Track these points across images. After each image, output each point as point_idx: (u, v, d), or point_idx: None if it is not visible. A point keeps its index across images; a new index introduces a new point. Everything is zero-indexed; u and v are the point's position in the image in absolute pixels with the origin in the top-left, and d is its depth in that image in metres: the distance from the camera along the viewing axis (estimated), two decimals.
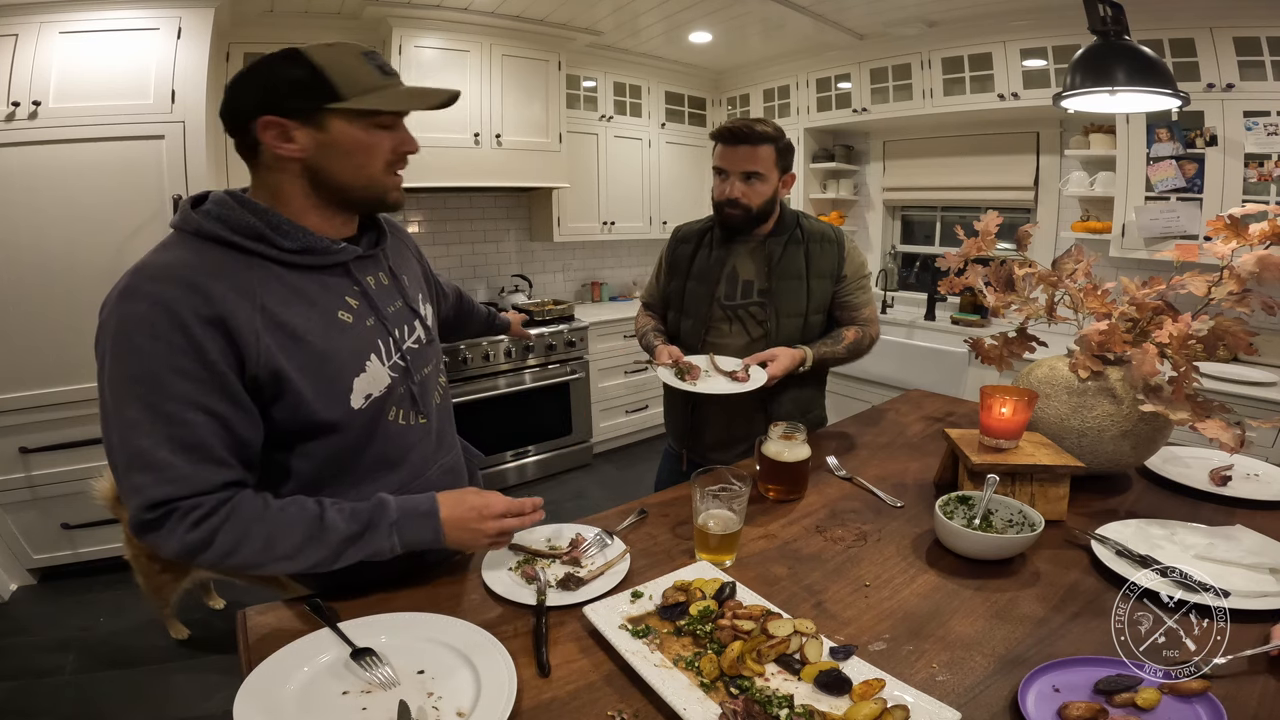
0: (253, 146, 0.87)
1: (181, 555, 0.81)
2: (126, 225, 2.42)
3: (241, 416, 0.84)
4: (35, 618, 2.40)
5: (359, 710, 0.73)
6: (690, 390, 1.43)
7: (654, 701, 0.75)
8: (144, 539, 0.81)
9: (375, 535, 0.88)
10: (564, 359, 3.69)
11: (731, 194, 1.50)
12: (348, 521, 0.87)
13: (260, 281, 0.85)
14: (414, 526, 0.91)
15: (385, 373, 0.96)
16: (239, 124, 0.86)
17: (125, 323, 0.79)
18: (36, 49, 2.27)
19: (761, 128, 1.47)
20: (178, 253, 0.83)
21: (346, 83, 0.85)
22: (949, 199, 3.91)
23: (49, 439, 2.45)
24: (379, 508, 0.90)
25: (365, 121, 0.88)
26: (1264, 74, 2.43)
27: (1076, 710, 0.70)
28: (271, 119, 0.84)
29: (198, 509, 0.80)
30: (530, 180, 3.62)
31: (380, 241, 1.02)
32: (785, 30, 3.51)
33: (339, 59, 0.86)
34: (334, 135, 0.86)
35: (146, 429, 0.78)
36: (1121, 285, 1.31)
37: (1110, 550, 1.04)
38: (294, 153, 0.86)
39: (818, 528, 1.18)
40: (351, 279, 0.95)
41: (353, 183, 0.90)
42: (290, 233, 0.87)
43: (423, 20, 3.10)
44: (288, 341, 0.85)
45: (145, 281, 0.80)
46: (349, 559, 0.88)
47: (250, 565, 0.84)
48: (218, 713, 1.92)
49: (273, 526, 0.84)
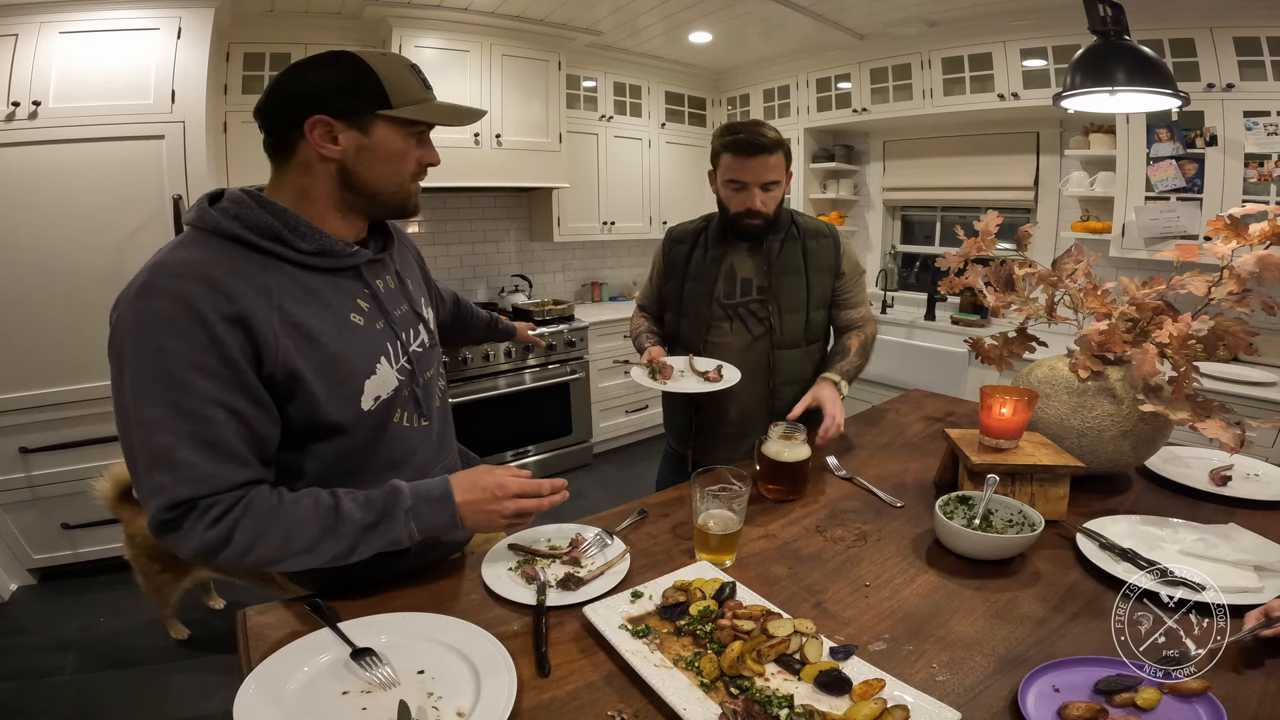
0: (287, 145, 0.87)
1: (201, 554, 0.81)
2: (126, 225, 2.42)
3: (261, 414, 0.84)
4: (35, 618, 2.40)
5: (359, 710, 0.73)
6: (661, 389, 1.45)
7: (654, 701, 0.75)
8: (163, 539, 0.81)
9: (392, 523, 0.88)
10: (564, 359, 3.69)
11: (753, 205, 1.50)
12: (363, 510, 0.87)
13: (277, 282, 0.85)
14: (429, 512, 0.90)
15: (393, 375, 0.96)
16: (282, 122, 0.86)
17: (145, 320, 0.78)
18: (36, 49, 2.26)
19: (770, 134, 1.47)
20: (196, 250, 0.83)
21: (397, 91, 0.87)
22: (949, 199, 3.91)
23: (49, 439, 2.45)
24: (393, 495, 0.90)
25: (406, 130, 0.90)
26: (1264, 74, 2.43)
27: (1076, 710, 0.70)
28: (321, 118, 0.84)
29: (215, 506, 0.80)
30: (530, 180, 3.62)
31: (388, 245, 1.02)
32: (785, 30, 3.51)
33: (391, 66, 0.88)
34: (376, 140, 0.88)
35: (168, 427, 0.77)
36: (1121, 285, 1.31)
37: (1094, 544, 1.05)
38: (335, 154, 0.87)
39: (818, 528, 1.18)
40: (362, 282, 0.96)
41: (384, 188, 0.91)
42: (307, 234, 0.88)
43: (423, 20, 3.10)
44: (303, 342, 0.85)
45: (165, 278, 0.79)
46: (367, 550, 0.88)
47: (269, 561, 0.84)
48: (218, 713, 1.92)
49: (289, 520, 0.84)
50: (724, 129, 1.51)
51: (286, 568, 0.87)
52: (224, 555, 0.81)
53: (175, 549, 0.82)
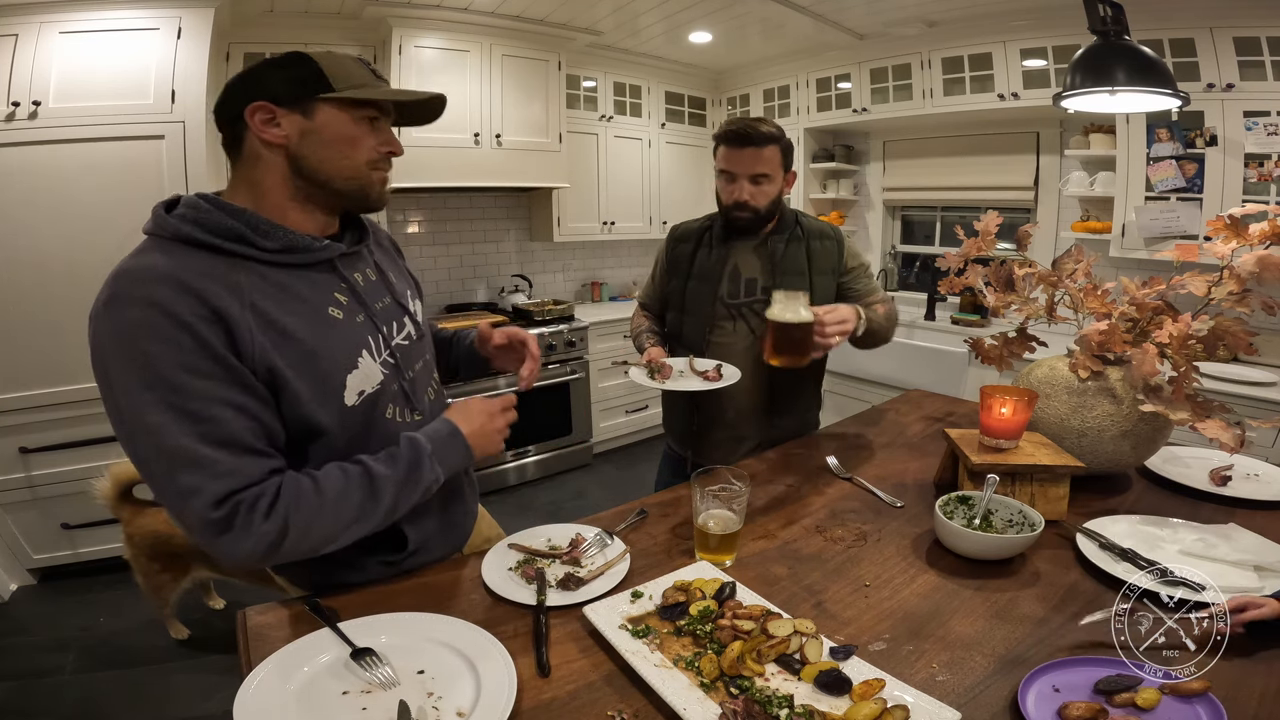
0: (238, 138, 0.87)
1: (260, 550, 0.79)
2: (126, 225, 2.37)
3: (262, 406, 0.82)
4: (35, 618, 2.40)
5: (359, 710, 0.73)
6: (660, 388, 1.45)
7: (654, 701, 0.75)
8: (216, 542, 0.78)
9: (421, 471, 0.92)
10: (564, 359, 3.68)
11: (740, 197, 1.50)
12: (391, 467, 0.89)
13: (247, 280, 0.83)
14: (448, 451, 0.95)
15: (378, 369, 0.95)
16: (227, 114, 0.87)
17: (122, 331, 0.75)
18: (36, 49, 2.26)
19: (766, 128, 1.47)
20: (157, 256, 0.80)
21: (338, 76, 0.87)
22: (949, 199, 3.90)
23: (49, 439, 2.45)
24: (412, 445, 0.93)
25: (352, 112, 0.89)
26: (1264, 74, 2.43)
27: (1076, 710, 0.70)
28: (261, 104, 0.84)
29: (263, 497, 0.79)
30: (530, 180, 3.62)
31: (363, 239, 1.01)
32: (785, 30, 3.51)
33: (335, 58, 0.89)
34: (320, 122, 0.87)
35: (176, 430, 0.75)
36: (1121, 285, 1.31)
37: (1094, 544, 1.05)
38: (279, 139, 0.86)
39: (818, 528, 1.18)
40: (338, 275, 0.94)
41: (336, 174, 0.90)
42: (270, 232, 0.86)
43: (423, 20, 3.10)
44: (279, 339, 0.84)
45: (131, 285, 0.77)
46: (405, 505, 0.91)
47: (325, 541, 0.85)
48: (218, 713, 1.92)
49: (332, 495, 0.84)
50: (724, 122, 1.52)
51: (339, 544, 0.87)
52: (285, 546, 0.80)
53: (229, 551, 0.78)
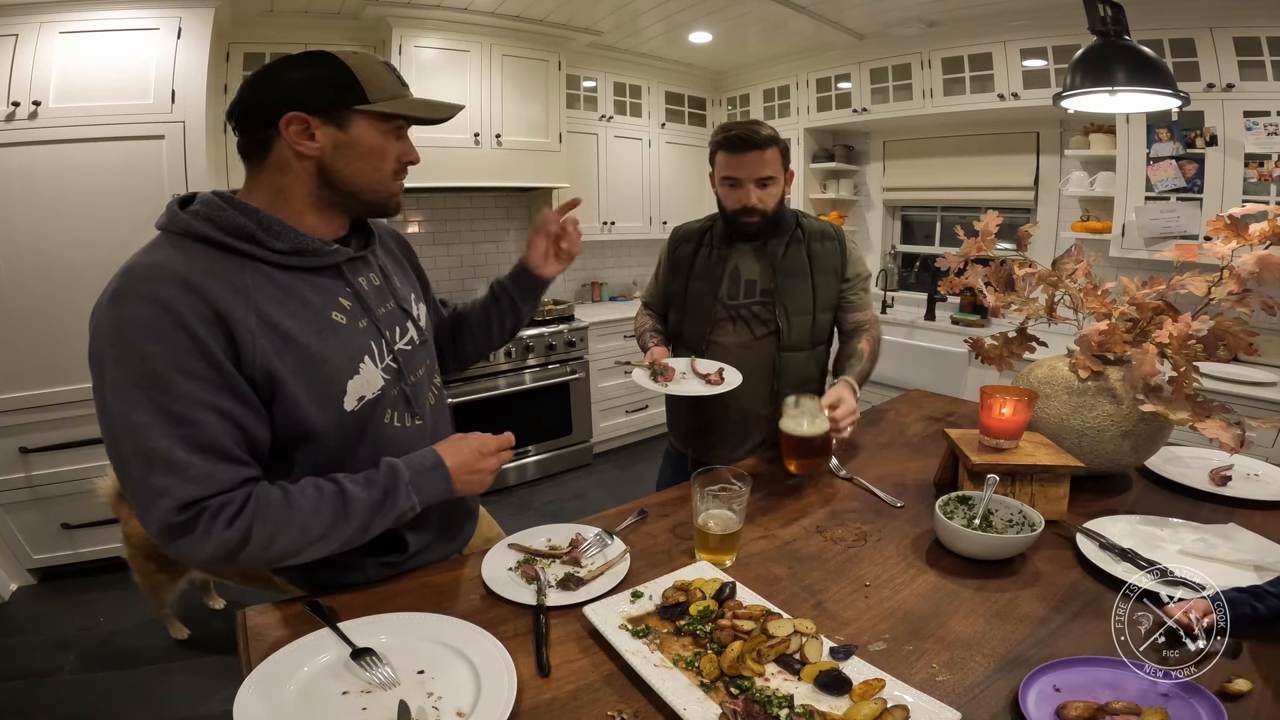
0: (262, 144, 0.86)
1: (218, 556, 0.79)
2: (126, 225, 2.41)
3: (250, 414, 0.83)
4: (35, 618, 2.40)
5: (359, 710, 0.73)
6: (663, 391, 1.45)
7: (654, 701, 0.75)
8: (175, 545, 0.78)
9: (396, 498, 0.90)
10: (564, 359, 3.68)
11: (749, 201, 1.49)
12: (366, 489, 0.88)
13: (253, 282, 0.83)
14: (427, 481, 0.93)
15: (379, 375, 0.95)
16: (256, 121, 0.85)
17: (123, 325, 0.76)
18: (36, 49, 2.26)
19: (765, 131, 1.47)
20: (168, 253, 0.81)
21: (373, 86, 0.87)
22: (949, 199, 3.90)
23: (49, 439, 2.45)
24: (391, 470, 0.91)
25: (385, 125, 0.89)
26: (1264, 74, 2.43)
27: (1076, 710, 0.70)
28: (297, 115, 0.83)
29: (229, 505, 0.79)
30: (530, 180, 3.62)
31: (369, 243, 1.01)
32: (785, 30, 3.51)
33: (367, 64, 0.88)
34: (354, 136, 0.87)
35: (158, 431, 0.76)
36: (1121, 285, 1.31)
37: (1094, 544, 1.06)
38: (313, 151, 0.85)
39: (818, 528, 1.18)
40: (344, 280, 0.94)
41: (364, 185, 0.91)
42: (281, 234, 0.86)
43: (423, 20, 3.10)
44: (281, 343, 0.84)
45: (138, 282, 0.77)
46: (377, 528, 0.90)
47: (287, 555, 0.84)
48: (218, 713, 1.92)
49: (301, 510, 0.84)
50: (719, 128, 1.52)
51: (302, 559, 0.86)
52: (243, 555, 0.80)
53: (188, 553, 0.79)
